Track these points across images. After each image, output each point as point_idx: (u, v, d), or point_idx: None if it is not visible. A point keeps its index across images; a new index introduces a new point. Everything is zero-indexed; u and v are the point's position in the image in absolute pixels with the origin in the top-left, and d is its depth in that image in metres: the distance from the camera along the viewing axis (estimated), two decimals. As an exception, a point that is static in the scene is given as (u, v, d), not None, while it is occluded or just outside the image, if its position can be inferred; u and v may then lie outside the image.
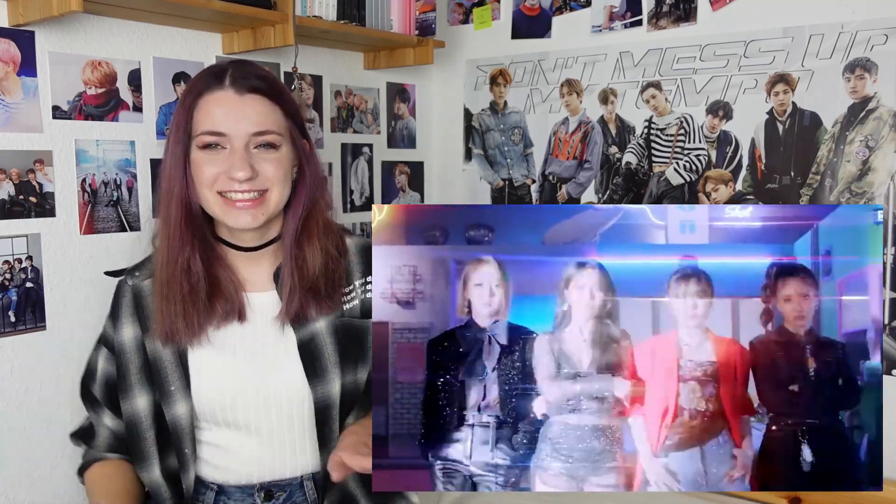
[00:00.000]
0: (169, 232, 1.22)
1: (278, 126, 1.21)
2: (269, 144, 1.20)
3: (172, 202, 1.20)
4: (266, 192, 1.20)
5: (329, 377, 1.25)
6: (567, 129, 2.18)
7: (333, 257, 1.28)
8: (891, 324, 1.72)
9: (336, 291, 1.28)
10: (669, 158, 2.00)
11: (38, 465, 1.57)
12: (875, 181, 1.72)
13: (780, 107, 1.83)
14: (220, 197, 1.19)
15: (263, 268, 1.29)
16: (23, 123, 1.50)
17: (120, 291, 1.34)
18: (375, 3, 1.98)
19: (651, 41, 2.00)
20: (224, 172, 1.17)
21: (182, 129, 1.18)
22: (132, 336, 1.30)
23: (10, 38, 1.47)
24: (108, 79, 1.63)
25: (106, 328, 1.35)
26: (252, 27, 1.75)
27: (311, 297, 1.25)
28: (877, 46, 1.69)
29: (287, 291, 1.24)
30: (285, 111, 1.23)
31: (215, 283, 1.25)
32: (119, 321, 1.32)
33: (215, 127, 1.17)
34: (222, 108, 1.17)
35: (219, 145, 1.18)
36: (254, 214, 1.19)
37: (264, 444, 1.28)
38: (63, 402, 1.59)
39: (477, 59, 2.33)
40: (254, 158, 1.19)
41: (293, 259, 1.25)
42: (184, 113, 1.19)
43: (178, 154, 1.19)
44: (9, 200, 1.49)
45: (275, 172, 1.20)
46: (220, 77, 1.19)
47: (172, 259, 1.21)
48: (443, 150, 2.44)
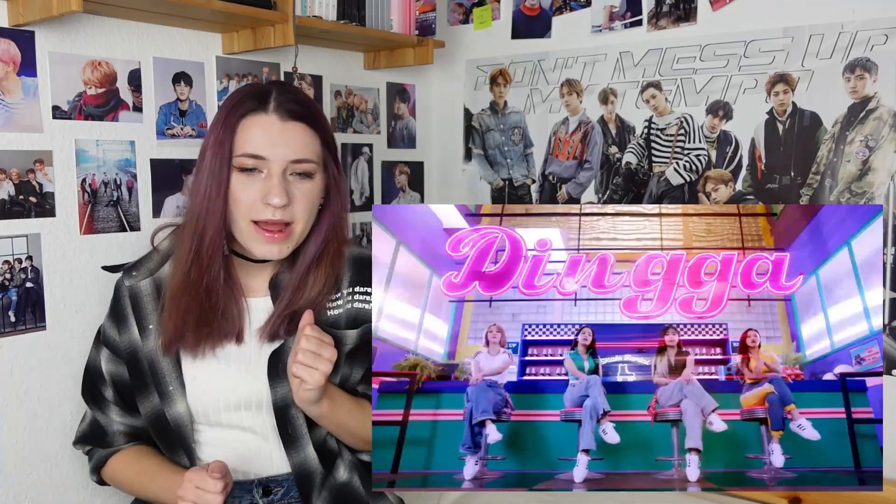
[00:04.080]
0: (196, 247, 1.22)
1: (315, 155, 1.25)
2: (305, 174, 1.23)
3: (209, 220, 1.21)
4: (291, 224, 1.23)
5: (287, 379, 1.25)
6: (567, 129, 2.18)
7: (329, 288, 1.30)
8: (891, 324, 1.72)
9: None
10: (669, 158, 2.00)
11: (38, 465, 1.57)
12: (875, 181, 1.71)
13: (780, 107, 1.83)
14: (252, 225, 1.22)
15: (263, 275, 1.32)
16: (23, 123, 1.50)
17: (119, 292, 1.35)
18: (375, 3, 1.98)
19: (651, 41, 2.00)
20: (260, 199, 1.20)
21: (224, 147, 1.20)
22: (137, 337, 1.31)
23: (10, 38, 1.47)
24: (108, 79, 1.63)
25: (107, 329, 1.36)
26: (252, 27, 1.75)
27: (287, 319, 1.27)
28: (877, 46, 1.69)
29: (279, 310, 1.27)
30: (323, 139, 1.26)
31: (226, 305, 1.27)
32: (123, 323, 1.32)
33: (256, 150, 1.20)
34: (264, 133, 1.20)
35: (256, 169, 1.21)
36: (280, 248, 1.23)
37: (258, 443, 1.31)
38: (63, 402, 1.59)
39: (477, 59, 2.33)
40: (289, 185, 1.21)
41: (297, 282, 1.28)
42: (227, 131, 1.21)
43: (216, 172, 1.21)
44: (9, 200, 1.49)
45: (304, 206, 1.23)
46: (264, 100, 1.22)
47: (197, 278, 1.23)
48: (443, 150, 2.44)
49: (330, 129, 1.29)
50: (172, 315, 1.25)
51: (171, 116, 1.74)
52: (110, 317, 1.35)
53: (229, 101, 1.26)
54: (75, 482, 1.62)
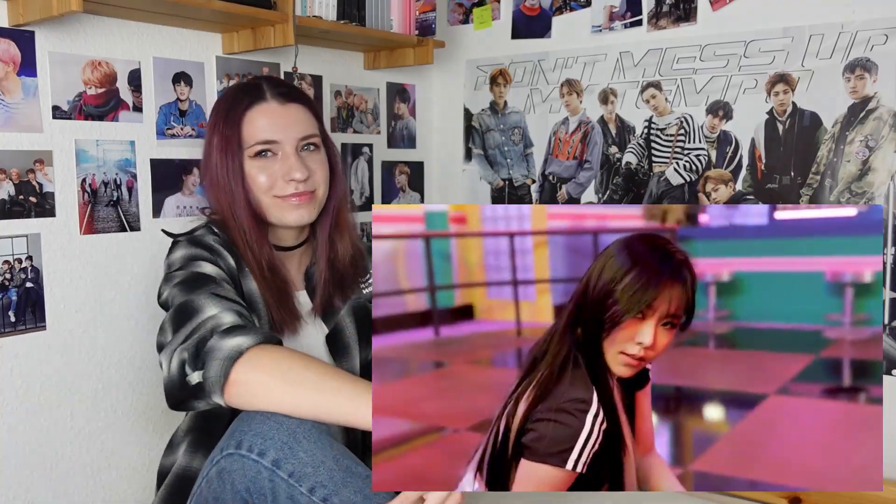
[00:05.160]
0: (245, 237, 1.28)
1: (316, 129, 1.34)
2: (314, 145, 1.32)
3: (238, 209, 1.27)
4: (314, 191, 1.31)
5: (351, 353, 1.36)
6: (567, 129, 2.18)
7: (359, 250, 1.41)
8: (891, 324, 1.72)
9: (358, 281, 1.41)
10: (669, 158, 2.00)
11: (38, 464, 1.57)
12: (875, 181, 1.71)
13: (780, 107, 1.83)
14: (276, 199, 1.28)
15: (296, 268, 1.38)
16: (23, 123, 1.50)
17: (202, 239, 1.26)
18: (375, 3, 1.98)
19: (651, 41, 2.00)
20: (280, 177, 1.27)
21: (233, 143, 1.27)
22: (234, 266, 1.26)
23: (10, 38, 1.47)
24: (108, 79, 1.63)
25: (193, 258, 1.23)
26: (252, 27, 1.75)
27: (337, 289, 1.37)
28: (877, 46, 1.69)
29: (322, 284, 1.35)
30: (316, 117, 1.36)
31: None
32: (216, 254, 1.24)
33: (268, 136, 1.28)
34: (270, 119, 1.28)
35: (270, 152, 1.28)
36: (308, 210, 1.30)
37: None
38: (63, 401, 1.59)
39: (477, 59, 2.33)
40: (304, 159, 1.30)
41: (328, 253, 1.36)
42: (232, 127, 1.28)
43: (230, 167, 1.27)
44: (9, 200, 1.49)
45: (322, 173, 1.33)
46: (258, 91, 1.30)
47: (256, 260, 1.27)
48: (443, 150, 2.44)
49: (318, 107, 1.40)
50: (264, 296, 1.28)
51: (171, 116, 1.74)
52: (192, 250, 1.23)
53: (224, 101, 1.33)
54: (75, 482, 1.63)
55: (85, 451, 1.63)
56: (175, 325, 1.13)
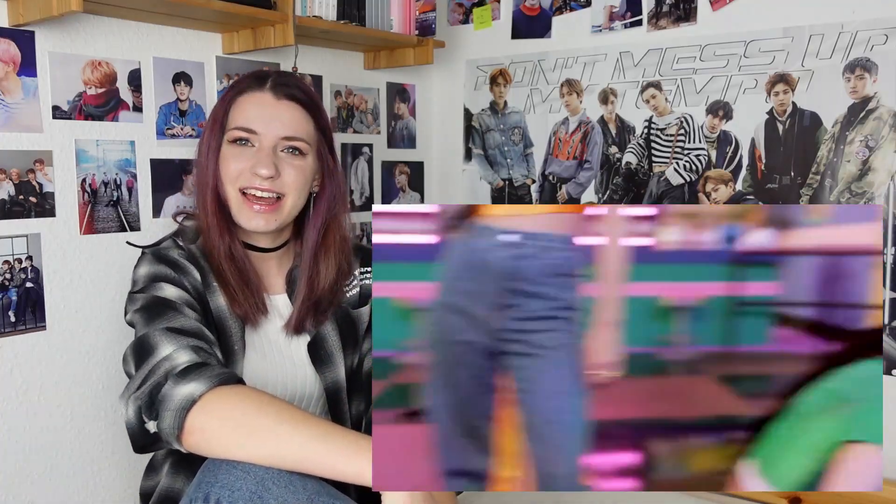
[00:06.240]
0: (207, 221, 1.25)
1: (308, 136, 1.27)
2: (296, 150, 1.25)
3: (207, 193, 1.25)
4: (282, 197, 1.25)
5: (335, 361, 1.31)
6: (567, 129, 2.18)
7: (344, 273, 1.34)
8: (891, 324, 1.72)
9: (335, 303, 1.34)
10: (669, 158, 2.00)
11: (38, 465, 1.57)
12: (875, 181, 1.71)
13: (780, 107, 1.83)
14: (240, 195, 1.24)
15: (274, 271, 1.34)
16: (23, 123, 1.50)
17: (166, 254, 1.25)
18: (375, 3, 1.98)
19: (651, 41, 2.00)
20: (248, 168, 1.22)
21: (218, 123, 1.26)
22: (199, 282, 1.23)
23: (10, 38, 1.47)
24: (108, 79, 1.63)
25: (153, 274, 1.22)
26: (252, 27, 1.75)
27: (311, 311, 1.30)
28: (877, 46, 1.69)
29: (299, 302, 1.29)
30: (318, 125, 1.29)
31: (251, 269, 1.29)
32: (180, 270, 1.22)
33: (248, 124, 1.23)
34: (258, 108, 1.24)
35: (248, 142, 1.24)
36: (266, 219, 1.24)
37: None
38: (63, 401, 1.59)
39: (477, 59, 2.33)
40: (279, 160, 1.24)
41: (308, 271, 1.30)
42: (222, 107, 1.27)
43: (212, 146, 1.25)
44: (9, 200, 1.49)
45: (294, 179, 1.24)
46: (262, 80, 1.27)
47: (215, 247, 1.24)
48: (443, 150, 2.44)
49: (327, 119, 1.32)
50: (225, 288, 1.25)
51: (171, 116, 1.74)
52: (155, 267, 1.21)
53: (232, 84, 1.32)
54: (75, 482, 1.62)
55: (85, 451, 1.63)
56: (135, 361, 1.12)
